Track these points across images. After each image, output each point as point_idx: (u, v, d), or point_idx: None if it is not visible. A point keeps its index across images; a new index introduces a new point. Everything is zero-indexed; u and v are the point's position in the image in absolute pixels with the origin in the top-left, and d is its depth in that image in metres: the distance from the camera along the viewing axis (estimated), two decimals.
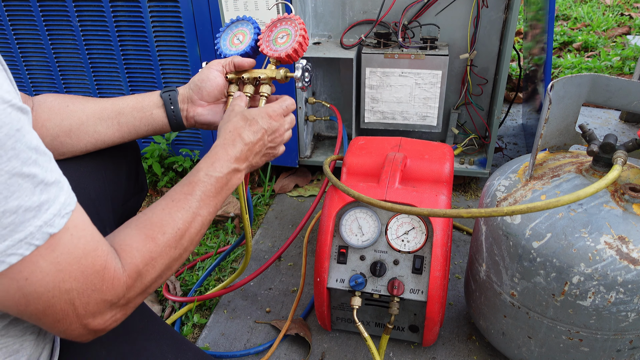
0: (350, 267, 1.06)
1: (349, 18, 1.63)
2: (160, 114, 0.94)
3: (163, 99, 0.94)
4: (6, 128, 0.47)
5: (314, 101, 1.70)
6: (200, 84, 0.94)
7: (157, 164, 1.75)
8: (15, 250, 0.49)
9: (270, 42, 0.98)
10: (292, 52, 0.95)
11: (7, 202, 0.48)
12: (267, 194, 1.76)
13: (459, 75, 1.64)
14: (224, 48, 1.01)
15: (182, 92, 0.96)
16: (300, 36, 0.95)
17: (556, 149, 1.03)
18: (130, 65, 1.67)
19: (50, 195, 0.52)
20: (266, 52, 0.97)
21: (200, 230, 0.75)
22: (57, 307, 0.55)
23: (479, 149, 1.74)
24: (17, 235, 0.49)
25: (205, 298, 1.29)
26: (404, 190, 1.04)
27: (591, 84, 0.93)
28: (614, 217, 0.84)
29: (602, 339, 0.89)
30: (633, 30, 3.15)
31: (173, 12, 1.54)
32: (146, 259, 0.66)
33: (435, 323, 1.04)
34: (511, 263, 0.92)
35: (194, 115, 0.96)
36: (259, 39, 0.99)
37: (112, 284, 0.60)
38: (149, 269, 0.66)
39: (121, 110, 0.91)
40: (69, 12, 1.59)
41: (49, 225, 0.52)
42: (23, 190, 0.49)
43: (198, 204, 0.75)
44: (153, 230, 0.69)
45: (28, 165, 0.50)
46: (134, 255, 0.65)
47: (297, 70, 0.97)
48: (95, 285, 0.58)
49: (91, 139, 0.89)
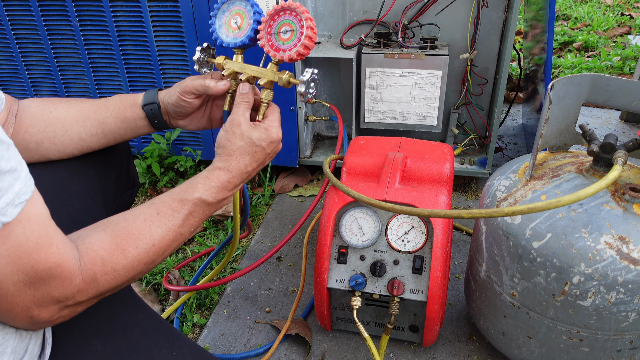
0: (350, 267, 1.06)
1: (349, 18, 1.63)
2: (144, 124, 0.92)
3: (145, 112, 0.91)
4: None
5: (314, 101, 1.70)
6: (176, 109, 0.90)
7: (156, 164, 1.75)
8: None
9: (272, 36, 0.85)
10: (297, 56, 0.83)
11: None
12: (267, 194, 1.76)
13: (459, 75, 1.64)
14: (220, 33, 0.89)
15: (163, 106, 0.91)
16: (306, 37, 0.81)
17: (556, 149, 1.03)
18: (130, 65, 1.67)
19: (3, 183, 0.51)
20: (267, 51, 0.85)
21: (175, 246, 0.73)
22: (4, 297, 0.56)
23: (479, 149, 1.74)
24: None
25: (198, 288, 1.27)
26: (404, 190, 1.04)
27: (591, 83, 0.93)
28: (614, 217, 0.84)
29: (602, 339, 0.89)
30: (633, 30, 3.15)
31: (173, 12, 1.54)
32: (108, 269, 0.65)
33: (435, 323, 1.04)
34: (511, 263, 0.92)
35: (180, 125, 0.94)
36: (258, 29, 0.86)
37: (63, 284, 0.59)
38: (108, 279, 0.65)
39: (104, 120, 0.90)
40: (69, 12, 1.59)
41: (1, 214, 0.51)
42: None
43: (181, 222, 0.73)
44: (126, 242, 0.67)
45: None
46: (95, 262, 0.64)
47: (301, 85, 0.83)
48: (44, 280, 0.57)
49: (77, 146, 0.89)
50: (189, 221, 0.75)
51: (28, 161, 0.86)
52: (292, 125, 1.67)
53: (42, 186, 0.84)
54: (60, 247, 0.59)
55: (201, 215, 0.77)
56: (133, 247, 0.67)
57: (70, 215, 0.84)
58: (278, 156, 1.74)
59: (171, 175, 1.81)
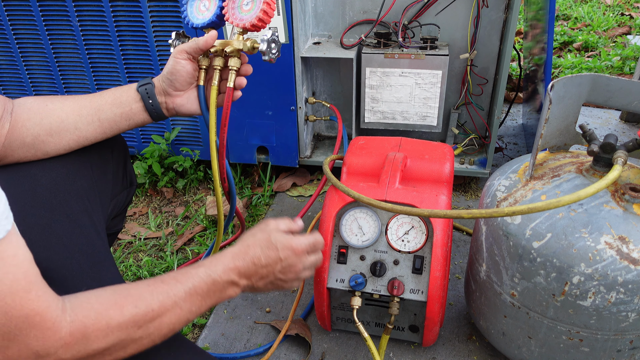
0: (350, 267, 1.06)
1: (349, 18, 1.63)
2: (139, 108, 0.93)
3: (140, 93, 0.92)
4: None
5: (314, 101, 1.70)
6: (170, 77, 0.92)
7: (156, 164, 1.75)
8: None
9: (235, 9, 0.93)
10: (257, 21, 0.90)
11: None
12: (267, 194, 1.76)
13: (459, 75, 1.64)
14: (192, 16, 0.96)
15: (158, 85, 0.94)
16: (264, 3, 0.89)
17: (556, 149, 1.03)
18: (130, 65, 1.67)
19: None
20: (231, 21, 0.92)
21: (174, 324, 0.69)
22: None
23: (479, 149, 1.74)
24: None
25: None
26: (404, 191, 1.04)
27: (591, 84, 0.93)
28: (614, 217, 0.84)
29: (602, 339, 0.89)
30: (633, 30, 3.15)
31: (173, 12, 1.54)
32: (101, 324, 0.60)
33: (435, 323, 1.04)
34: (511, 263, 0.92)
35: (174, 107, 0.95)
36: (224, 6, 0.94)
37: (44, 335, 0.54)
38: (98, 335, 0.60)
39: (100, 106, 0.90)
40: (69, 12, 1.59)
41: None
42: None
43: (184, 295, 0.71)
44: (126, 300, 0.64)
45: None
46: (89, 314, 0.59)
47: (262, 44, 0.91)
48: (20, 330, 0.52)
49: (73, 136, 0.89)
50: (192, 296, 0.72)
51: (26, 159, 0.86)
52: (292, 125, 1.67)
53: (40, 186, 0.84)
54: (40, 295, 0.54)
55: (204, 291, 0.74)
56: (132, 306, 0.64)
57: (68, 216, 0.84)
58: (278, 156, 1.74)
59: (171, 175, 1.81)
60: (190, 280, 0.73)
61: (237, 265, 0.79)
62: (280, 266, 0.83)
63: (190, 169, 1.83)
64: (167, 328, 0.69)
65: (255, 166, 1.84)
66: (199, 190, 1.84)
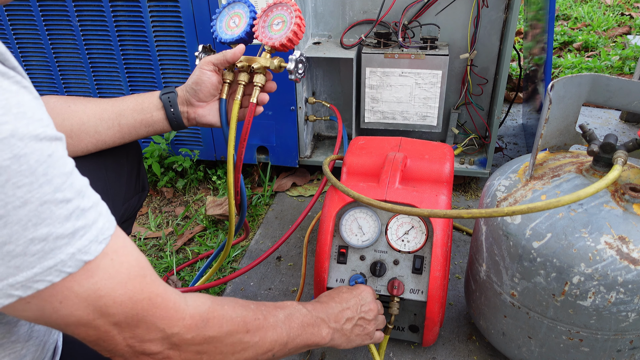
0: (350, 267, 1.06)
1: (349, 18, 1.63)
2: (161, 116, 0.94)
3: (163, 102, 0.94)
4: (36, 154, 0.46)
5: (314, 101, 1.70)
6: (195, 87, 0.94)
7: (156, 164, 1.75)
8: (43, 277, 0.48)
9: (265, 28, 0.95)
10: (287, 42, 0.92)
11: (37, 230, 0.46)
12: (267, 194, 1.76)
13: (459, 75, 1.64)
14: (220, 32, 0.98)
15: (181, 94, 0.95)
16: (295, 24, 0.92)
17: (556, 149, 1.03)
18: (130, 65, 1.67)
19: (87, 220, 0.50)
20: (261, 39, 0.94)
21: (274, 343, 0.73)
22: (100, 329, 0.54)
23: (479, 149, 1.74)
24: (46, 262, 0.47)
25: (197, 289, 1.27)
26: (404, 190, 1.04)
27: (591, 83, 0.93)
28: (614, 217, 0.84)
29: (602, 339, 0.89)
30: (633, 30, 3.15)
31: (173, 12, 1.54)
32: (217, 313, 0.64)
33: (435, 323, 1.04)
34: (511, 263, 0.92)
35: (195, 117, 0.96)
36: (254, 24, 0.97)
37: (167, 314, 0.58)
38: (215, 323, 0.64)
39: (121, 111, 0.91)
40: (69, 12, 1.59)
41: (84, 252, 0.50)
42: (55, 217, 0.47)
43: (283, 318, 0.76)
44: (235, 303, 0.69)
45: (62, 190, 0.48)
46: (205, 303, 0.63)
47: (290, 62, 0.94)
48: (146, 310, 0.56)
49: (92, 139, 0.89)
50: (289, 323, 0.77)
51: None
52: (292, 125, 1.67)
53: None
54: (154, 279, 0.58)
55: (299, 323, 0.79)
56: (242, 308, 0.69)
57: None
58: (278, 156, 1.74)
59: (171, 175, 1.81)
60: (288, 309, 0.79)
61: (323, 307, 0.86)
62: (360, 304, 0.94)
63: (190, 169, 1.83)
64: (269, 343, 0.72)
65: (255, 166, 1.84)
66: (199, 190, 1.84)
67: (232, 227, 1.07)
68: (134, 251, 0.57)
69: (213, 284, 1.28)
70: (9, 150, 0.44)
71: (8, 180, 0.44)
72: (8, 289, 0.47)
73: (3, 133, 0.43)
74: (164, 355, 0.59)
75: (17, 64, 0.49)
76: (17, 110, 0.45)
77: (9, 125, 0.44)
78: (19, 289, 0.47)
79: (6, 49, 0.47)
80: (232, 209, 1.03)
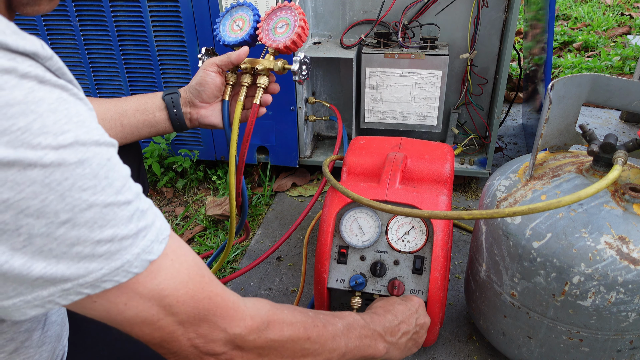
0: (350, 267, 1.06)
1: (349, 18, 1.63)
2: (163, 117, 0.94)
3: (165, 102, 0.94)
4: (97, 158, 0.47)
5: (314, 101, 1.70)
6: (199, 87, 0.94)
7: (156, 164, 1.75)
8: (111, 277, 0.49)
9: (269, 31, 0.96)
10: (291, 44, 0.93)
11: (102, 231, 0.47)
12: (267, 194, 1.76)
13: (459, 75, 1.64)
14: (224, 35, 0.99)
15: (184, 95, 0.95)
16: (299, 27, 0.92)
17: (556, 149, 1.03)
18: (130, 65, 1.67)
19: (147, 221, 0.51)
20: (264, 42, 0.95)
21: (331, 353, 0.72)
22: (164, 330, 0.55)
23: (479, 149, 1.74)
24: (114, 263, 0.48)
25: None
26: (405, 191, 1.04)
27: (591, 83, 0.93)
28: (614, 217, 0.84)
29: (602, 339, 0.89)
30: (633, 30, 3.15)
31: (173, 12, 1.54)
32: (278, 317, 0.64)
33: (435, 323, 1.04)
34: (511, 263, 0.92)
35: (197, 118, 0.96)
36: (258, 27, 0.97)
37: (228, 314, 0.58)
38: (276, 326, 0.64)
39: (124, 112, 0.91)
40: (69, 12, 1.59)
41: (148, 252, 0.51)
42: (119, 218, 0.48)
43: (342, 328, 0.76)
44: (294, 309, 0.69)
45: (123, 193, 0.49)
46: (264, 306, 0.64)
47: (295, 64, 0.94)
48: (207, 309, 0.56)
49: None
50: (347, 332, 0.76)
51: None
52: (292, 125, 1.67)
53: None
54: (212, 279, 0.58)
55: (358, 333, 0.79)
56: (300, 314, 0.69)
57: None
58: (278, 156, 1.74)
59: (171, 175, 1.81)
60: (347, 319, 0.79)
61: (380, 319, 0.86)
62: (416, 319, 0.93)
63: (190, 169, 1.83)
64: (327, 353, 0.72)
65: (255, 166, 1.84)
66: (199, 190, 1.84)
67: (232, 229, 1.07)
68: (189, 252, 0.58)
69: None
70: (74, 155, 0.45)
71: (74, 184, 0.45)
72: (78, 287, 0.48)
73: (68, 140, 0.44)
74: (227, 357, 0.59)
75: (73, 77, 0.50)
76: (77, 119, 0.46)
77: (71, 133, 0.45)
78: (87, 287, 0.48)
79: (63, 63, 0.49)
80: (234, 210, 1.03)
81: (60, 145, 0.44)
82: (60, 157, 0.44)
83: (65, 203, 0.44)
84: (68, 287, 0.47)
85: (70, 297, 0.48)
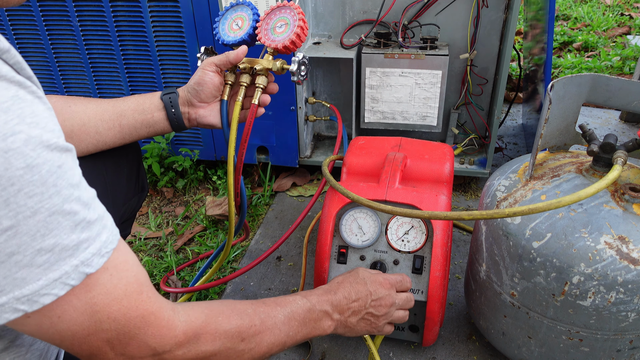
0: (350, 267, 1.06)
1: (349, 18, 1.63)
2: (161, 117, 0.94)
3: (164, 102, 0.94)
4: (47, 165, 0.46)
5: (314, 101, 1.70)
6: (197, 87, 0.94)
7: (156, 164, 1.75)
8: (49, 290, 0.48)
9: (268, 30, 0.95)
10: (289, 44, 0.93)
11: (44, 240, 0.46)
12: (267, 194, 1.76)
13: (459, 75, 1.64)
14: (223, 34, 0.99)
15: (182, 95, 0.95)
16: (298, 27, 0.92)
17: (556, 149, 1.03)
18: (130, 65, 1.67)
19: (91, 233, 0.50)
20: (263, 41, 0.95)
21: (272, 344, 0.73)
22: (93, 344, 0.54)
23: (479, 149, 1.74)
24: (52, 274, 0.47)
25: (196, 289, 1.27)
26: (404, 190, 1.04)
27: (591, 84, 0.93)
28: (614, 217, 0.84)
29: (602, 339, 0.89)
30: (633, 30, 3.15)
31: (173, 12, 1.54)
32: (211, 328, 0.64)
33: (435, 323, 1.04)
34: (511, 263, 0.92)
35: (196, 117, 0.96)
36: (257, 26, 0.97)
37: (159, 333, 0.57)
38: (208, 338, 0.63)
39: (122, 112, 0.91)
40: (69, 12, 1.59)
41: (86, 265, 0.50)
42: (62, 228, 0.47)
43: (283, 318, 0.75)
44: (232, 312, 0.68)
45: (69, 202, 0.48)
46: (199, 317, 0.63)
47: (293, 64, 0.94)
48: (138, 328, 0.55)
49: (92, 140, 0.89)
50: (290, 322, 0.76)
51: None
52: (292, 125, 1.67)
53: None
54: (150, 296, 0.57)
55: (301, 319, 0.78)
56: (238, 317, 0.68)
57: None
58: (278, 156, 1.74)
59: (171, 175, 1.81)
60: (289, 306, 0.77)
61: (329, 297, 0.84)
62: (371, 299, 0.89)
63: (190, 169, 1.83)
64: (265, 347, 0.72)
65: (255, 166, 1.84)
66: (199, 190, 1.84)
67: (231, 229, 1.07)
68: (134, 266, 0.56)
69: (213, 284, 1.28)
70: (23, 160, 0.43)
71: (20, 190, 0.44)
72: (14, 302, 0.46)
73: (17, 142, 0.43)
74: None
75: (32, 74, 0.49)
76: (30, 120, 0.45)
77: (22, 135, 0.43)
78: (24, 302, 0.47)
79: (22, 58, 0.48)
80: (232, 210, 1.03)
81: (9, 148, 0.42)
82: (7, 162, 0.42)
83: (9, 209, 0.43)
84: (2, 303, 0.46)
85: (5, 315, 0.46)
